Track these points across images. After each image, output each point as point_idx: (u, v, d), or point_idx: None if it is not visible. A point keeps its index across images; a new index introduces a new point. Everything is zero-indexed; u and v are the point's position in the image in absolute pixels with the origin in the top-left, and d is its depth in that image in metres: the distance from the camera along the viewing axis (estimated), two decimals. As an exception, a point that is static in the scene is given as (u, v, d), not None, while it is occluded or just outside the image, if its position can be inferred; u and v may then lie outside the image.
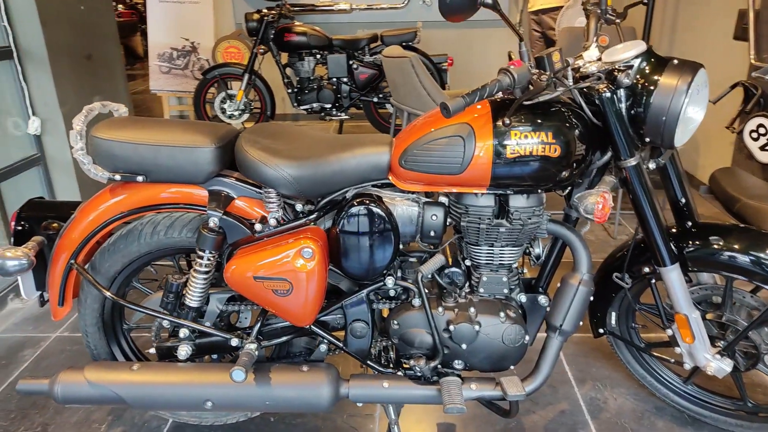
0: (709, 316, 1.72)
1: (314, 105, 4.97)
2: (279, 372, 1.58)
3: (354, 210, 1.52)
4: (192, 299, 1.61)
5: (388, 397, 1.61)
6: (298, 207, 1.60)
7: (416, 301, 1.62)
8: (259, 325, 1.63)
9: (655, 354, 1.87)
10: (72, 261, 1.63)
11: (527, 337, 1.62)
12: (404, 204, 1.57)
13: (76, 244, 1.62)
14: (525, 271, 1.80)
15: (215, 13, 5.66)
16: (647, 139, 1.46)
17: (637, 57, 1.43)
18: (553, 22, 4.79)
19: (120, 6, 10.73)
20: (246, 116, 5.13)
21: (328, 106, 4.98)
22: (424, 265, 1.57)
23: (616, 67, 1.44)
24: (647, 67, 1.43)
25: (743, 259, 1.58)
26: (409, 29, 4.90)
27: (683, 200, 1.67)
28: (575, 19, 4.54)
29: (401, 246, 1.65)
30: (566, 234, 1.59)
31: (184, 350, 1.65)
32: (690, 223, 1.68)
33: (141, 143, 1.51)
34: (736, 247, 1.60)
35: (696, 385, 1.92)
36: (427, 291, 1.66)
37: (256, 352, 1.56)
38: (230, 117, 5.12)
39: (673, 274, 1.60)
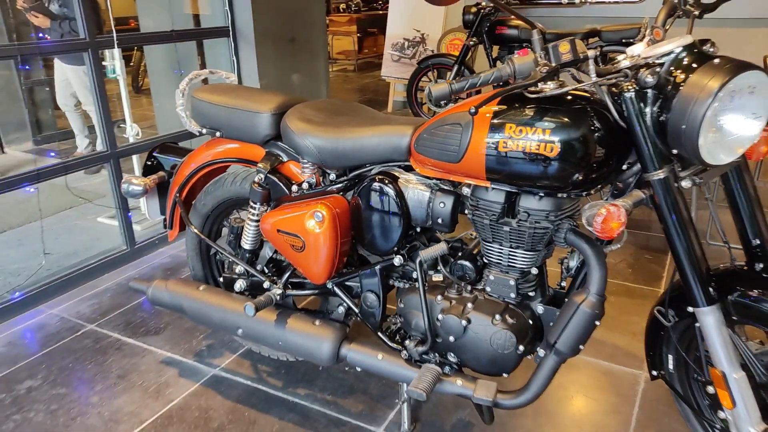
0: (776, 385, 1.37)
1: (514, 99, 4.91)
2: (295, 319, 1.77)
3: (366, 185, 1.61)
4: (246, 242, 1.89)
5: (377, 368, 1.67)
6: (332, 176, 1.75)
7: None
8: (288, 274, 1.84)
9: (712, 421, 1.54)
10: (177, 195, 2.04)
11: (523, 347, 1.51)
12: (417, 188, 1.59)
13: (180, 183, 2.03)
14: (564, 284, 1.65)
15: (446, 7, 5.93)
16: (674, 151, 1.23)
17: (674, 53, 1.22)
18: None
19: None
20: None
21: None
22: (425, 249, 1.57)
23: (646, 63, 1.24)
24: (683, 65, 1.20)
25: None
26: (632, 25, 4.47)
27: (756, 240, 1.35)
28: None
29: (417, 229, 1.67)
30: (583, 247, 1.43)
31: (238, 284, 1.94)
32: (762, 266, 1.35)
33: (219, 105, 1.82)
34: None
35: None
36: (440, 279, 1.66)
37: (277, 296, 1.76)
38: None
39: (708, 319, 1.31)
